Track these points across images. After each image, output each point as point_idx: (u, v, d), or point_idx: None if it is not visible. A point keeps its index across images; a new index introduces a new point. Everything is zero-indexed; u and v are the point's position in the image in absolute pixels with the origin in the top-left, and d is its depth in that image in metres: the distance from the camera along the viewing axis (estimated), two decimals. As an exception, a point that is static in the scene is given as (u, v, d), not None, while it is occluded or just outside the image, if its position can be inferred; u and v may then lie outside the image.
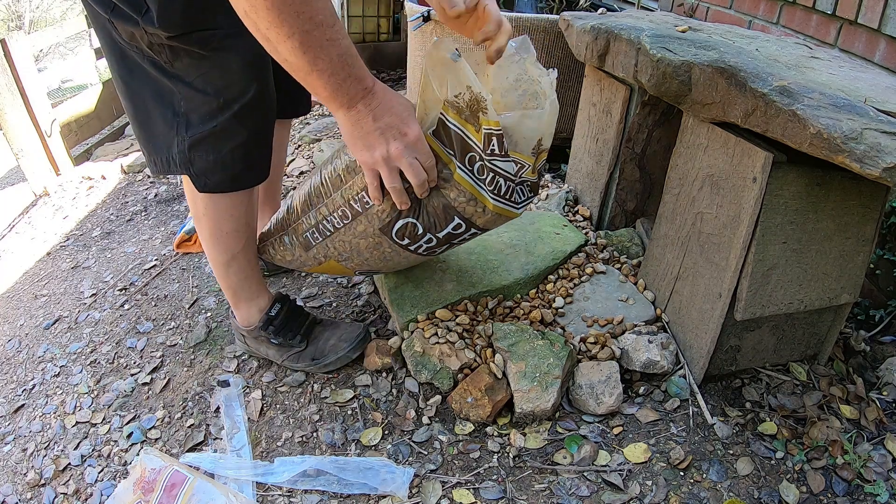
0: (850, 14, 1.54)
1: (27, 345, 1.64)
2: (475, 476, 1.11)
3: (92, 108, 3.16)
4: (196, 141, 1.05)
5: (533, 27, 2.00)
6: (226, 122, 1.04)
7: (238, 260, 1.23)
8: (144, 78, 1.04)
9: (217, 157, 1.07)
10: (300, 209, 1.16)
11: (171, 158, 1.09)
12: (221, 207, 1.16)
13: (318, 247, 1.17)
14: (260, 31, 0.81)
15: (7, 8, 7.73)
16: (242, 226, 1.20)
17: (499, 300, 1.39)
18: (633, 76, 1.36)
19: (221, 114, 1.03)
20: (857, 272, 1.20)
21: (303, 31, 0.79)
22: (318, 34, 0.81)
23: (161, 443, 1.24)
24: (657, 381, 1.27)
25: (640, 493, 1.06)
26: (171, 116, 1.05)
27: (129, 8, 0.92)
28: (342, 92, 0.87)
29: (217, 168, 1.09)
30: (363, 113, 0.89)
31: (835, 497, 1.05)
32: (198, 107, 1.03)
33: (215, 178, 1.10)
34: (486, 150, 0.94)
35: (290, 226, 1.19)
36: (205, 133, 1.04)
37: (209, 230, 1.19)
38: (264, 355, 1.37)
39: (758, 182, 1.06)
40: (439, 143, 0.97)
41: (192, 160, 1.07)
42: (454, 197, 1.00)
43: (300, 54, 0.81)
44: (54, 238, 2.25)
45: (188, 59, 0.99)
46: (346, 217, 1.08)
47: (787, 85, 0.97)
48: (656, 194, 1.61)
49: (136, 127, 1.12)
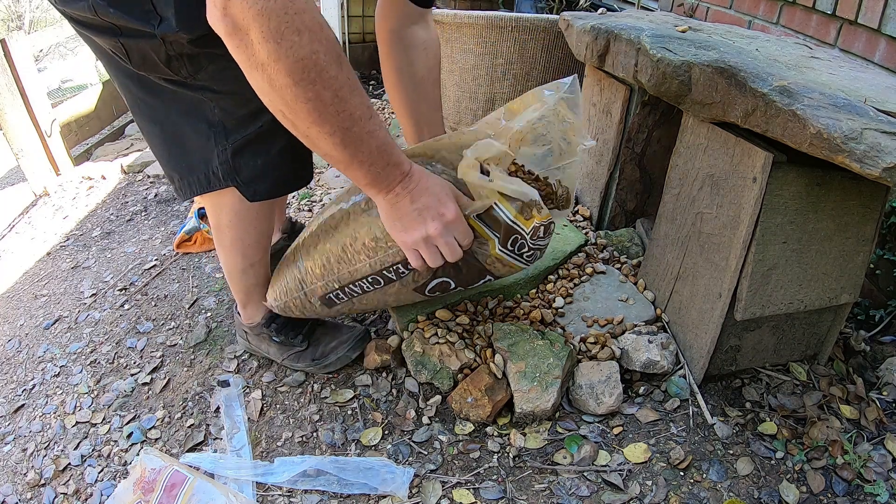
0: (850, 14, 1.54)
1: (27, 345, 1.64)
2: (475, 476, 1.11)
3: (92, 108, 3.16)
4: (240, 146, 0.99)
5: (533, 27, 2.00)
6: (271, 122, 0.96)
7: (255, 267, 1.22)
8: (168, 96, 0.98)
9: (267, 160, 1.01)
10: (317, 272, 1.12)
11: (210, 173, 1.02)
12: (248, 220, 1.11)
13: (342, 305, 1.17)
14: (299, 130, 0.83)
15: (7, 8, 7.73)
16: (264, 237, 1.18)
17: (499, 300, 1.39)
18: (633, 76, 1.36)
19: (264, 113, 0.95)
20: (857, 272, 1.20)
21: (343, 128, 0.81)
22: (357, 129, 0.83)
23: (161, 443, 1.24)
24: (657, 381, 1.27)
25: (640, 493, 1.06)
26: (205, 128, 0.99)
27: (139, 24, 0.88)
28: (381, 179, 0.89)
29: (268, 172, 1.03)
30: (401, 195, 0.91)
31: (835, 497, 1.05)
32: (234, 110, 0.98)
33: (266, 183, 1.04)
34: (532, 237, 1.01)
35: (306, 288, 1.15)
36: (249, 136, 0.99)
37: (231, 241, 1.15)
38: (265, 353, 1.37)
39: (758, 182, 1.06)
40: (483, 224, 1.00)
41: (238, 168, 1.01)
42: (490, 263, 1.05)
43: (341, 149, 0.83)
44: (54, 238, 2.25)
45: (213, 66, 0.93)
46: (377, 283, 1.09)
47: (787, 85, 0.97)
48: (656, 194, 1.61)
49: (164, 150, 1.06)
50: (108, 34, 0.92)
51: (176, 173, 1.07)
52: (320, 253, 1.11)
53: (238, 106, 0.97)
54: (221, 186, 1.05)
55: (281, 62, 0.74)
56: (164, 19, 0.87)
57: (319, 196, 2.13)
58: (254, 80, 0.78)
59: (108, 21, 0.89)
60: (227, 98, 0.97)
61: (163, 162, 1.09)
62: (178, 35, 0.87)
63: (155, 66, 0.93)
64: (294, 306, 1.20)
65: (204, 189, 1.06)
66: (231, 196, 1.08)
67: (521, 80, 2.10)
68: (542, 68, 2.08)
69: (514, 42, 2.04)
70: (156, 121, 1.03)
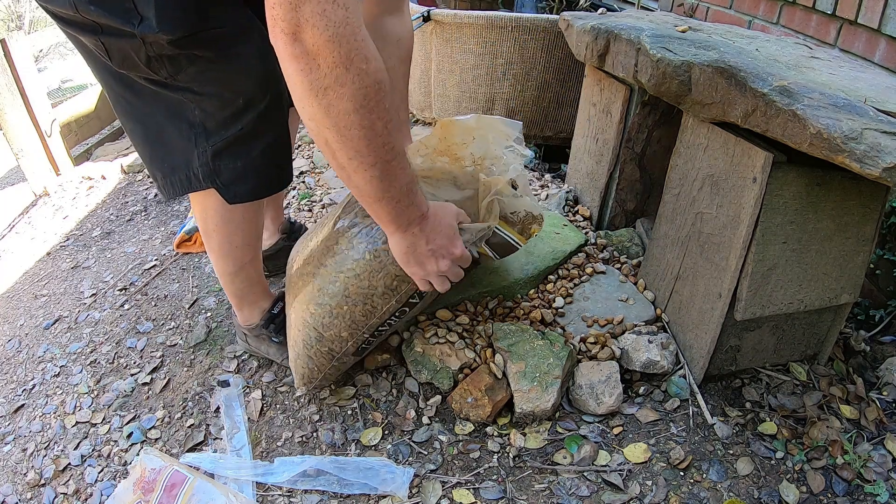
0: (850, 14, 1.54)
1: (27, 345, 1.64)
2: (475, 476, 1.11)
3: (92, 108, 3.15)
4: (220, 149, 0.99)
5: (533, 27, 2.00)
6: (251, 124, 0.98)
7: (246, 270, 1.22)
8: (150, 95, 0.98)
9: (247, 163, 1.02)
10: (345, 336, 1.12)
11: (191, 174, 1.02)
12: (234, 223, 1.11)
13: (373, 346, 1.21)
14: (338, 159, 0.82)
15: (7, 8, 7.73)
16: (253, 238, 1.18)
17: (499, 300, 1.39)
18: (633, 76, 1.36)
19: (245, 115, 0.97)
20: (857, 272, 1.20)
21: (384, 160, 0.82)
22: (394, 164, 0.84)
23: (161, 443, 1.24)
24: (657, 381, 1.27)
25: (640, 493, 1.06)
26: (186, 129, 0.99)
27: (120, 22, 0.87)
28: (403, 217, 0.92)
29: (248, 174, 1.03)
30: (418, 237, 0.95)
31: (835, 497, 1.05)
32: (215, 112, 0.98)
33: (247, 185, 1.04)
34: (525, 245, 1.16)
35: (338, 355, 1.15)
36: (229, 139, 0.99)
37: (219, 244, 1.15)
38: (265, 354, 1.37)
39: (758, 182, 1.05)
40: (487, 247, 1.11)
41: (218, 171, 1.01)
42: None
43: (377, 183, 0.84)
44: (54, 238, 2.25)
45: (194, 68, 0.93)
46: (403, 313, 1.14)
47: (787, 85, 0.97)
48: (656, 194, 1.61)
49: (146, 149, 1.06)
50: (90, 32, 0.91)
51: (159, 172, 1.07)
52: (341, 318, 1.10)
53: (219, 108, 0.97)
54: (202, 188, 1.04)
55: (346, 87, 0.75)
56: (144, 19, 0.86)
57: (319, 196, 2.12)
58: (308, 106, 0.78)
59: (89, 19, 0.89)
60: (208, 100, 0.97)
61: (146, 160, 1.09)
62: (158, 36, 0.87)
63: (136, 66, 0.93)
64: (330, 375, 1.20)
65: (185, 190, 1.06)
66: (215, 199, 1.07)
67: (521, 80, 2.10)
68: (542, 68, 2.08)
69: (514, 42, 2.04)
70: (138, 120, 1.03)
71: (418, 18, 2.16)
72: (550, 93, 2.13)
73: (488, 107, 2.18)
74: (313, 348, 1.14)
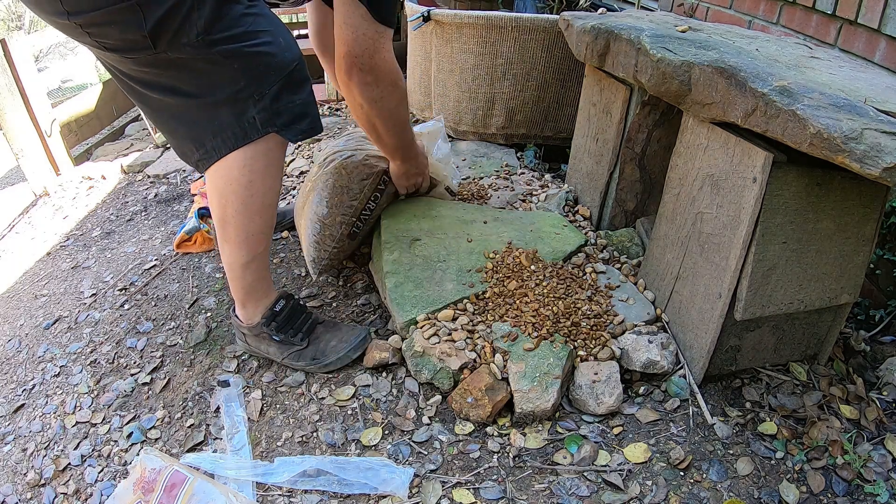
0: (850, 14, 1.54)
1: (27, 345, 1.64)
2: (475, 476, 1.11)
3: (92, 108, 3.15)
4: (279, 90, 1.09)
5: (533, 27, 2.00)
6: (297, 70, 1.10)
7: (258, 260, 1.24)
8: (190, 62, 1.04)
9: (304, 98, 1.13)
10: (340, 220, 1.48)
11: (246, 125, 1.09)
12: (253, 209, 1.16)
13: (362, 232, 1.56)
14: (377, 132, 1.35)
15: (7, 8, 7.72)
16: (267, 227, 1.22)
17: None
18: (633, 76, 1.36)
19: (292, 63, 1.09)
20: (857, 272, 1.20)
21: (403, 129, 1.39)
22: (408, 129, 1.42)
23: (161, 443, 1.24)
24: (657, 381, 1.27)
25: (640, 493, 1.06)
26: (233, 86, 1.06)
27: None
28: (408, 153, 1.46)
29: (307, 109, 1.14)
30: (410, 167, 1.52)
31: (835, 497, 1.05)
32: (265, 65, 1.07)
33: (305, 121, 1.14)
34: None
35: (336, 239, 1.50)
36: (284, 79, 1.09)
37: (235, 232, 1.18)
38: (265, 353, 1.37)
39: (758, 182, 1.06)
40: None
41: (280, 111, 1.10)
42: None
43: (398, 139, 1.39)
44: (54, 238, 2.25)
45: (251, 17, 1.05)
46: (376, 199, 1.54)
47: (787, 85, 0.97)
48: (656, 194, 1.61)
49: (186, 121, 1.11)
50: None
51: (203, 140, 1.11)
52: (333, 207, 1.47)
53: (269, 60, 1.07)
54: (260, 135, 1.10)
55: (393, 96, 1.27)
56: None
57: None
58: (367, 106, 1.26)
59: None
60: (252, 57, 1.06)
61: (182, 136, 1.14)
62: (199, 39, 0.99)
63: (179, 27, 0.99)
64: (334, 259, 1.53)
65: (239, 143, 1.10)
66: (237, 185, 1.13)
67: (521, 80, 2.10)
68: (542, 68, 2.08)
69: (514, 42, 2.04)
70: (189, 80, 1.07)
71: (418, 19, 2.16)
72: (550, 93, 2.13)
73: (488, 107, 2.18)
74: (318, 234, 1.49)
